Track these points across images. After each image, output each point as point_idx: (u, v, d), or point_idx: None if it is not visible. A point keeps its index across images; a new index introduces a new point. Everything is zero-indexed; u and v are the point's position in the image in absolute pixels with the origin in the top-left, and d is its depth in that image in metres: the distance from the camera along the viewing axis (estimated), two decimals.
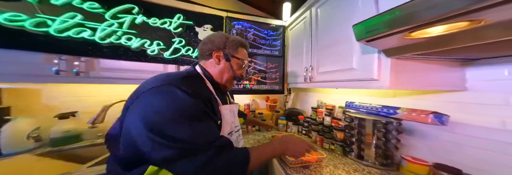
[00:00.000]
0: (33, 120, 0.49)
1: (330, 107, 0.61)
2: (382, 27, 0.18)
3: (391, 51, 0.26)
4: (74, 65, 0.44)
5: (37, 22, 0.40)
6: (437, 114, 0.29)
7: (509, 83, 0.25)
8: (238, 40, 0.32)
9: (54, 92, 0.55)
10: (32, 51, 0.40)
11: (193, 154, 0.18)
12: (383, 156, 0.37)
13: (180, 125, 0.19)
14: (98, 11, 0.48)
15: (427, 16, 0.13)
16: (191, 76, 0.27)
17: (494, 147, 0.26)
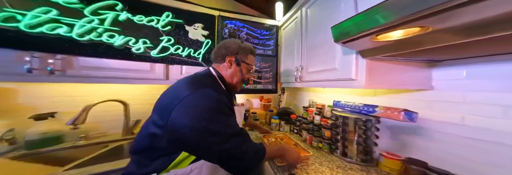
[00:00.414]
0: (6, 121, 0.46)
1: (320, 106, 0.63)
2: (352, 30, 0.19)
3: (366, 53, 0.28)
4: (49, 63, 0.41)
5: (5, 17, 0.37)
6: (408, 112, 0.32)
7: (467, 83, 0.28)
8: (248, 47, 0.37)
9: (31, 91, 0.52)
10: (1, 48, 0.37)
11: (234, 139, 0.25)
12: (363, 152, 0.39)
13: (216, 121, 0.25)
14: (76, 6, 0.45)
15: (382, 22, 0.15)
16: (212, 80, 0.33)
17: (455, 140, 0.29)
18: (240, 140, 0.26)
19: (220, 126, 0.25)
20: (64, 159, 0.47)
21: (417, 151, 0.34)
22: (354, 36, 0.19)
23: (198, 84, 0.28)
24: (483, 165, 0.25)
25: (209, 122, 0.25)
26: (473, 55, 0.25)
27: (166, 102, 0.27)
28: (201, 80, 0.31)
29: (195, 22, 0.66)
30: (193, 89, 0.27)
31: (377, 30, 0.16)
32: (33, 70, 0.40)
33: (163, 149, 0.26)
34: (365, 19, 0.16)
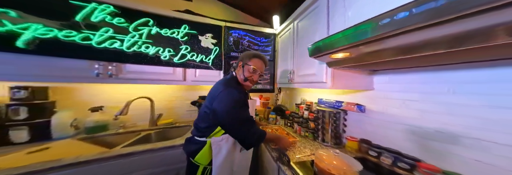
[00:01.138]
0: (72, 112, 0.68)
1: (309, 103, 0.83)
2: (318, 50, 0.37)
3: (330, 64, 0.47)
4: (109, 69, 0.63)
5: (83, 37, 0.58)
6: (359, 105, 0.53)
7: (388, 85, 0.48)
8: (252, 53, 0.53)
9: (87, 90, 0.74)
10: (78, 59, 0.58)
11: (244, 123, 0.42)
12: (334, 137, 0.58)
13: (238, 109, 0.43)
14: (124, 25, 0.66)
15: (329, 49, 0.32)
16: (235, 82, 0.51)
17: (382, 123, 0.48)
18: (250, 124, 0.44)
19: (240, 113, 0.43)
20: (110, 142, 0.68)
21: (366, 133, 0.54)
22: (319, 54, 0.37)
23: (228, 85, 0.47)
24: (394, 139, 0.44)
25: (235, 110, 0.42)
26: (389, 68, 0.45)
27: (212, 94, 0.47)
28: (229, 82, 0.50)
29: (206, 32, 0.86)
30: (224, 88, 0.45)
31: (328, 52, 0.33)
32: (99, 75, 0.61)
33: (208, 123, 0.47)
34: (323, 44, 0.34)
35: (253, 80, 0.53)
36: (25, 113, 0.58)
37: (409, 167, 0.36)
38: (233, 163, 0.49)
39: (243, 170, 0.53)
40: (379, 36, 0.22)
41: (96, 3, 0.60)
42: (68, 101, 0.71)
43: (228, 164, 0.47)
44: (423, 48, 0.23)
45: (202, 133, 0.48)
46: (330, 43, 0.32)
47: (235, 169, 0.49)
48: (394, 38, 0.22)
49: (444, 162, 0.34)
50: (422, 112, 0.40)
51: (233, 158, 0.49)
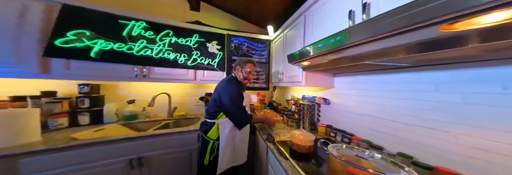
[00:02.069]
0: (115, 103, 0.99)
1: (296, 99, 1.12)
2: (293, 59, 0.65)
3: (304, 68, 0.75)
4: (143, 71, 0.93)
5: (128, 47, 0.88)
6: (325, 99, 0.83)
7: (342, 85, 0.77)
8: (246, 59, 0.83)
9: (125, 86, 1.06)
10: (125, 64, 0.88)
11: (238, 109, 0.73)
12: (311, 124, 0.87)
13: (237, 99, 0.73)
14: (153, 36, 0.95)
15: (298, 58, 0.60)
16: (235, 80, 0.80)
17: (343, 113, 0.77)
18: (243, 110, 0.73)
19: (237, 101, 0.72)
20: (140, 128, 0.99)
21: (331, 120, 0.82)
22: (293, 62, 0.65)
23: (230, 82, 0.76)
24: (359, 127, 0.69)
25: (233, 99, 0.71)
26: (341, 72, 0.73)
27: (218, 88, 0.76)
28: (230, 80, 0.78)
29: (212, 40, 1.15)
30: (227, 84, 0.75)
31: (299, 60, 0.60)
32: (137, 75, 0.91)
33: (215, 109, 0.75)
34: (297, 54, 0.60)
35: (249, 78, 0.83)
36: (88, 103, 0.89)
37: (349, 140, 0.65)
38: (235, 138, 0.76)
39: (243, 143, 0.81)
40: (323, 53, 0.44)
41: (134, 20, 0.90)
42: (112, 95, 1.02)
43: (231, 138, 0.74)
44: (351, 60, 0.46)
45: (212, 116, 0.75)
46: (299, 55, 0.58)
47: (236, 141, 0.77)
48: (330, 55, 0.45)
49: (368, 134, 0.63)
50: (357, 102, 0.68)
51: (235, 135, 0.76)
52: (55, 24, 0.72)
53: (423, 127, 0.45)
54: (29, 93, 0.79)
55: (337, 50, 0.39)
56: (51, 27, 0.72)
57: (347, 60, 0.46)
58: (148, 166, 0.77)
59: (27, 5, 0.68)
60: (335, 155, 0.36)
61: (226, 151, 0.73)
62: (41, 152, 0.57)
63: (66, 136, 0.69)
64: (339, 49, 0.37)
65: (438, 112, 0.43)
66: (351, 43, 0.33)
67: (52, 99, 0.81)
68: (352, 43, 0.33)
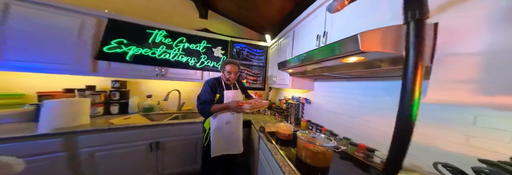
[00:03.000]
0: (137, 97, 1.32)
1: (287, 99, 1.44)
2: (281, 67, 0.97)
3: (291, 74, 1.07)
4: (162, 71, 1.25)
5: (152, 52, 1.20)
6: (307, 99, 1.16)
7: (319, 88, 1.10)
8: (226, 61, 0.96)
9: (145, 83, 1.41)
10: (148, 65, 1.21)
11: (199, 102, 0.94)
12: (296, 120, 1.20)
13: (202, 95, 0.94)
14: (170, 43, 1.28)
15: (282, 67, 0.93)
16: (216, 80, 1.00)
17: (319, 110, 1.09)
18: (202, 104, 0.89)
19: (200, 97, 0.92)
20: (156, 119, 1.32)
21: (311, 116, 1.15)
22: (282, 69, 0.96)
23: (206, 82, 0.95)
24: (327, 121, 1.02)
25: (199, 96, 0.93)
26: (319, 78, 1.05)
27: None
28: (210, 80, 0.96)
29: (217, 45, 1.47)
30: (204, 83, 0.96)
31: (285, 68, 0.91)
32: (157, 75, 1.24)
33: None
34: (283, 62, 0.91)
35: (231, 78, 0.96)
36: (118, 96, 1.22)
37: (319, 131, 0.96)
38: (222, 129, 0.92)
39: (234, 136, 0.98)
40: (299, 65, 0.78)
41: (157, 30, 1.22)
42: (135, 90, 1.36)
43: (218, 129, 0.92)
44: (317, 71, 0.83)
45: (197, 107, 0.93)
46: (284, 64, 0.90)
47: (225, 132, 0.93)
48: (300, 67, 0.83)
49: (331, 126, 0.94)
50: (327, 102, 1.00)
51: (221, 127, 0.92)
52: (104, 34, 1.04)
53: (355, 117, 0.78)
54: (75, 86, 1.11)
55: (301, 65, 0.70)
56: (100, 37, 1.04)
57: (311, 71, 0.79)
58: (162, 150, 1.09)
59: (84, 20, 1.01)
60: (299, 136, 0.67)
61: (216, 139, 0.92)
62: (91, 132, 0.88)
63: (105, 121, 1.01)
64: (303, 65, 0.68)
65: (361, 107, 0.75)
66: (307, 62, 0.64)
67: (93, 92, 1.14)
68: (307, 63, 0.64)
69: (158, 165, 1.08)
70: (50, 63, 0.94)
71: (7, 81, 1.00)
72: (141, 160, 1.03)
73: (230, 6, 1.54)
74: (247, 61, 1.57)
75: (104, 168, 0.93)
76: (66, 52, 0.97)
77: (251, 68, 1.59)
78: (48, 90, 1.05)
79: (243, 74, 1.56)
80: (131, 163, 1.00)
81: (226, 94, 0.96)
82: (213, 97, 0.93)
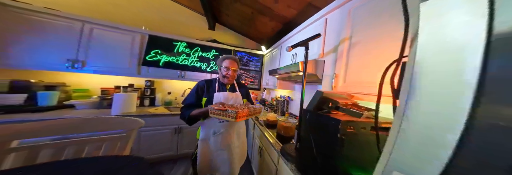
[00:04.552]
0: (161, 93, 1.98)
1: (278, 97, 2.17)
2: (272, 73, 1.67)
3: (278, 78, 1.79)
4: (181, 74, 1.92)
5: (176, 59, 1.86)
6: (289, 97, 1.91)
7: (298, 89, 1.83)
8: (223, 56, 0.96)
9: (167, 83, 2.11)
10: (174, 69, 1.89)
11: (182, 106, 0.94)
12: (281, 112, 1.93)
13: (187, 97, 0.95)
14: (189, 52, 1.95)
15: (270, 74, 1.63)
16: (208, 80, 1.02)
17: (296, 104, 1.82)
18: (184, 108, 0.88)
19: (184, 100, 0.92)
20: (173, 111, 1.99)
21: (292, 110, 1.88)
22: (272, 74, 1.65)
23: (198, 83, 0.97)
24: (296, 109, 1.78)
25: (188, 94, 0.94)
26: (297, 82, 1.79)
27: None
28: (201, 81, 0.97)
29: (223, 53, 2.16)
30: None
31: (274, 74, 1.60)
32: (179, 76, 1.90)
33: None
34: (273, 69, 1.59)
35: (229, 75, 0.91)
36: (149, 92, 1.87)
37: (295, 119, 1.68)
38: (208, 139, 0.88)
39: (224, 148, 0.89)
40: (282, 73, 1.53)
41: (180, 42, 1.89)
42: (159, 88, 2.03)
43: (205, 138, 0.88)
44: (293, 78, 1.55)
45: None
46: (273, 72, 1.61)
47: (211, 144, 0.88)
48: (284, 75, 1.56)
49: None
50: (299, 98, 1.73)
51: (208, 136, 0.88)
52: (146, 47, 1.69)
53: None
54: (121, 84, 1.75)
55: (283, 73, 1.42)
56: (144, 48, 1.69)
57: (290, 77, 1.52)
58: (181, 134, 1.76)
59: (134, 36, 1.66)
60: (278, 120, 1.37)
61: (202, 153, 0.85)
62: (144, 116, 1.53)
63: (144, 110, 1.67)
64: (283, 73, 1.39)
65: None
66: (284, 73, 1.35)
67: (134, 89, 1.77)
68: (284, 73, 1.35)
69: (178, 146, 1.74)
70: (113, 68, 1.59)
71: (78, 80, 1.64)
72: (167, 141, 1.69)
73: (234, 22, 2.23)
74: (246, 67, 2.28)
75: (144, 145, 1.57)
76: (122, 60, 1.62)
77: (249, 72, 2.30)
78: (104, 86, 1.68)
79: (243, 77, 2.26)
80: (161, 142, 1.65)
81: (216, 97, 0.90)
82: (197, 100, 0.89)
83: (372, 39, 0.63)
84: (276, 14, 1.70)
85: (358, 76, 0.70)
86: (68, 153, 0.59)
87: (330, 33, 0.94)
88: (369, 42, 0.65)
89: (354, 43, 0.74)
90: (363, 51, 0.68)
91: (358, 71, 0.70)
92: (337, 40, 0.86)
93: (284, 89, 1.87)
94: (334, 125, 0.48)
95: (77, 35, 1.42)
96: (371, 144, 0.41)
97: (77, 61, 1.44)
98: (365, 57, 0.66)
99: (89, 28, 1.45)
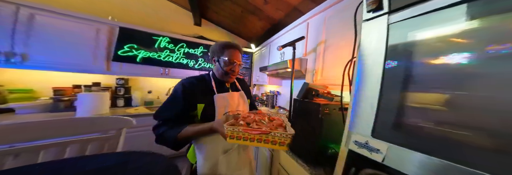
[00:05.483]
0: (139, 92, 1.64)
1: (267, 92, 2.17)
2: (261, 70, 1.64)
3: (268, 75, 1.78)
4: (165, 71, 1.65)
5: (158, 55, 1.59)
6: (278, 91, 1.91)
7: (286, 84, 1.88)
8: (222, 43, 0.58)
9: (144, 80, 1.74)
10: (155, 66, 1.58)
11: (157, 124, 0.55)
12: (271, 106, 1.92)
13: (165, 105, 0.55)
14: (173, 48, 1.69)
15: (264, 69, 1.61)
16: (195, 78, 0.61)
17: (283, 98, 1.86)
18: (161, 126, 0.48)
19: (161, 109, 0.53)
20: None
21: (280, 103, 1.89)
22: (262, 71, 1.61)
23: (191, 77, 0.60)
24: (284, 102, 1.82)
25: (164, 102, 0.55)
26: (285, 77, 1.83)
27: None
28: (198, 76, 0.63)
29: None
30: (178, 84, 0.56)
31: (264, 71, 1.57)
32: (161, 74, 1.63)
33: None
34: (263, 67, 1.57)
35: (234, 71, 0.58)
36: (123, 91, 1.52)
37: (284, 111, 1.73)
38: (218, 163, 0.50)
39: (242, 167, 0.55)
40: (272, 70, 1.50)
41: (162, 36, 1.60)
42: (135, 86, 1.66)
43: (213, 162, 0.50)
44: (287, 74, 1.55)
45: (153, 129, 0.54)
46: (263, 69, 1.57)
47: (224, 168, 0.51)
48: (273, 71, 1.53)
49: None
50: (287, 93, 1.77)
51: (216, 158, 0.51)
52: (117, 40, 1.35)
53: None
54: (81, 83, 1.36)
55: (273, 70, 1.41)
56: (114, 41, 1.35)
57: (278, 74, 1.52)
58: None
59: (99, 27, 1.28)
60: (269, 111, 1.36)
61: None
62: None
63: (122, 111, 1.36)
64: (272, 70, 1.38)
65: None
66: (273, 70, 1.34)
67: (102, 88, 1.41)
68: (273, 69, 1.34)
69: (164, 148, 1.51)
70: (71, 64, 1.20)
71: (18, 78, 1.17)
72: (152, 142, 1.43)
73: (224, 19, 2.08)
74: None
75: (124, 148, 1.28)
76: (84, 55, 1.24)
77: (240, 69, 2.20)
78: (58, 86, 1.26)
79: None
80: (145, 144, 1.38)
81: (218, 100, 0.58)
82: (184, 110, 0.54)
83: (339, 43, 0.78)
84: (266, 15, 1.68)
85: (331, 72, 0.83)
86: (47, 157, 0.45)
87: (311, 36, 1.02)
88: (338, 45, 0.80)
89: (327, 46, 0.87)
90: (334, 52, 0.82)
91: (330, 68, 0.84)
92: (316, 42, 0.96)
93: (273, 84, 1.87)
94: (316, 108, 0.63)
95: (9, 21, 1.01)
96: (339, 122, 0.58)
97: (13, 55, 1.03)
98: (335, 57, 0.81)
99: (28, 13, 1.05)
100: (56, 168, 0.31)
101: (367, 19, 0.37)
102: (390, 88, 0.32)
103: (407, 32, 0.30)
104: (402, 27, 0.31)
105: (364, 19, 0.38)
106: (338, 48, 0.80)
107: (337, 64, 0.79)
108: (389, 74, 0.32)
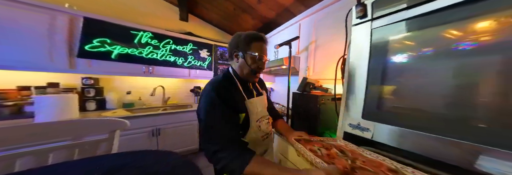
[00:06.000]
0: (115, 93, 1.36)
1: None
2: None
3: (263, 72, 1.79)
4: (149, 69, 1.43)
5: (138, 52, 1.35)
6: (272, 88, 1.93)
7: (278, 82, 1.92)
8: (249, 35, 0.45)
9: (121, 80, 1.44)
10: (136, 63, 1.33)
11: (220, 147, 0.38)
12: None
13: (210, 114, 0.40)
14: (157, 44, 1.46)
15: None
16: (225, 80, 0.46)
17: (278, 95, 1.89)
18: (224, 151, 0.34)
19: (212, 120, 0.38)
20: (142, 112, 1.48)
21: (275, 99, 1.91)
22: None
23: (213, 85, 0.43)
24: (280, 99, 1.85)
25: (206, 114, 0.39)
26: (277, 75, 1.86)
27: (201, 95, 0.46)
28: (217, 77, 0.47)
29: (203, 48, 1.83)
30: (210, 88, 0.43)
31: None
32: (144, 72, 1.40)
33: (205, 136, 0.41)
34: None
35: (261, 69, 0.49)
36: (93, 92, 1.23)
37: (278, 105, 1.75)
38: None
39: None
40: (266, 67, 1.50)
41: (142, 31, 1.37)
42: (109, 87, 1.36)
43: None
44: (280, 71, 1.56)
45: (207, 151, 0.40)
46: None
47: None
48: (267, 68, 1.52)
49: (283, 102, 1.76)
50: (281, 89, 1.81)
51: None
52: (82, 33, 1.06)
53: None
54: (31, 83, 1.04)
55: (268, 67, 1.40)
56: (77, 34, 1.06)
57: (271, 71, 1.53)
58: (161, 136, 1.31)
59: (54, 16, 0.98)
60: None
61: None
62: None
63: (97, 115, 1.10)
64: (267, 67, 1.38)
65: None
66: (268, 67, 1.34)
67: (63, 89, 1.10)
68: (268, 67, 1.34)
69: (158, 149, 1.31)
70: (15, 61, 0.89)
71: None
72: (145, 145, 1.22)
73: (215, 16, 1.93)
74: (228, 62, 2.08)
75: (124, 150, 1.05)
76: (35, 49, 0.94)
77: None
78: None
79: None
80: (138, 147, 1.17)
81: (251, 108, 0.50)
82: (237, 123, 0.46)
83: (329, 43, 0.87)
84: (259, 14, 1.64)
85: (322, 68, 0.92)
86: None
87: (303, 36, 1.06)
88: (327, 45, 0.88)
89: (318, 45, 0.95)
90: (324, 51, 0.90)
91: (321, 64, 0.92)
92: (307, 42, 1.02)
93: (267, 81, 1.89)
94: (314, 99, 0.72)
95: None
96: (331, 111, 0.67)
97: None
98: (325, 55, 0.90)
99: None
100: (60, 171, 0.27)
101: (356, 23, 0.46)
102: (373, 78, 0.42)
103: (383, 35, 0.40)
104: (381, 31, 0.40)
105: (353, 24, 0.46)
106: (327, 48, 0.88)
107: (327, 61, 0.87)
108: (372, 67, 0.42)
